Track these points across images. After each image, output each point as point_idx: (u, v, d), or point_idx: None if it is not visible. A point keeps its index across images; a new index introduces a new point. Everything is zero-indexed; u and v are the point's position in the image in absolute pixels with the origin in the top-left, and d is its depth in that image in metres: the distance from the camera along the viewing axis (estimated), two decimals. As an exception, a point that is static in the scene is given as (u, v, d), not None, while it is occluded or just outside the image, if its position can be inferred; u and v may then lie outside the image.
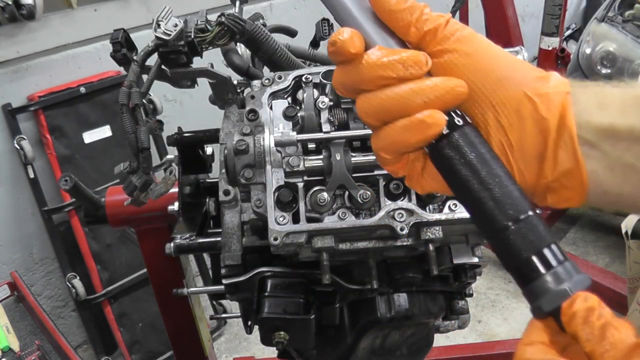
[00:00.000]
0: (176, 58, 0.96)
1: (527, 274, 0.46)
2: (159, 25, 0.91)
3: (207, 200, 1.18)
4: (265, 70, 1.09)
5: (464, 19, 3.01)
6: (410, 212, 0.80)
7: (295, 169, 0.81)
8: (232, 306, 2.59)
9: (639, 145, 0.51)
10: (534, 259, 0.46)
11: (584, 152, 0.50)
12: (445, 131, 0.49)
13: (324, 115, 0.84)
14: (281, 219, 0.78)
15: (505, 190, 0.47)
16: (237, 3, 1.07)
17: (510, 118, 0.50)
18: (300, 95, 0.90)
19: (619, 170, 0.52)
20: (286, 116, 0.85)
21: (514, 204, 0.47)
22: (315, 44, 1.25)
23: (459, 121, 0.49)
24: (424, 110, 0.48)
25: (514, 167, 0.51)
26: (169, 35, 0.91)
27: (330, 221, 0.80)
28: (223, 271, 0.96)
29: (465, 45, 0.50)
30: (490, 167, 0.48)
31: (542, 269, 0.45)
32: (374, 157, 0.82)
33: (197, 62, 1.00)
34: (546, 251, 0.46)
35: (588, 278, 0.45)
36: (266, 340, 0.93)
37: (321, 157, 0.82)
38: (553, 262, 0.45)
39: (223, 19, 0.94)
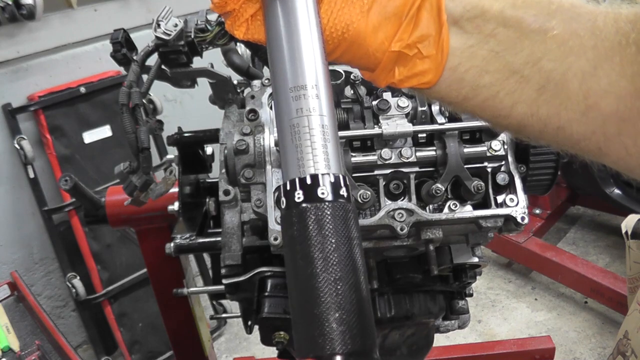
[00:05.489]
0: (176, 58, 0.95)
1: None
2: (159, 25, 0.91)
3: (207, 200, 1.18)
4: (265, 70, 1.09)
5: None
6: (410, 212, 0.80)
7: (295, 169, 0.81)
8: (232, 306, 2.58)
9: (505, 31, 0.48)
10: None
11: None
12: (325, 196, 0.41)
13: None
14: (281, 219, 0.78)
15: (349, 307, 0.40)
16: (237, 3, 1.07)
17: None
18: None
19: (480, 55, 0.48)
20: (286, 116, 0.85)
21: (356, 333, 0.39)
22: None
23: (343, 193, 0.42)
24: None
25: (369, 22, 0.47)
26: (169, 35, 0.91)
27: (330, 221, 0.79)
28: (223, 271, 0.96)
29: None
30: (344, 277, 0.40)
31: None
32: (374, 157, 0.82)
33: (197, 62, 1.00)
34: None
35: None
36: (266, 340, 0.93)
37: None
38: None
39: (223, 19, 0.93)
